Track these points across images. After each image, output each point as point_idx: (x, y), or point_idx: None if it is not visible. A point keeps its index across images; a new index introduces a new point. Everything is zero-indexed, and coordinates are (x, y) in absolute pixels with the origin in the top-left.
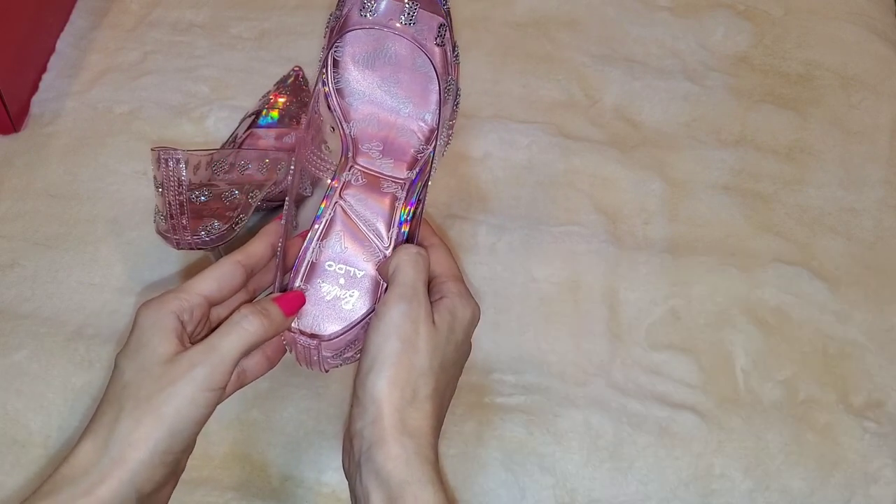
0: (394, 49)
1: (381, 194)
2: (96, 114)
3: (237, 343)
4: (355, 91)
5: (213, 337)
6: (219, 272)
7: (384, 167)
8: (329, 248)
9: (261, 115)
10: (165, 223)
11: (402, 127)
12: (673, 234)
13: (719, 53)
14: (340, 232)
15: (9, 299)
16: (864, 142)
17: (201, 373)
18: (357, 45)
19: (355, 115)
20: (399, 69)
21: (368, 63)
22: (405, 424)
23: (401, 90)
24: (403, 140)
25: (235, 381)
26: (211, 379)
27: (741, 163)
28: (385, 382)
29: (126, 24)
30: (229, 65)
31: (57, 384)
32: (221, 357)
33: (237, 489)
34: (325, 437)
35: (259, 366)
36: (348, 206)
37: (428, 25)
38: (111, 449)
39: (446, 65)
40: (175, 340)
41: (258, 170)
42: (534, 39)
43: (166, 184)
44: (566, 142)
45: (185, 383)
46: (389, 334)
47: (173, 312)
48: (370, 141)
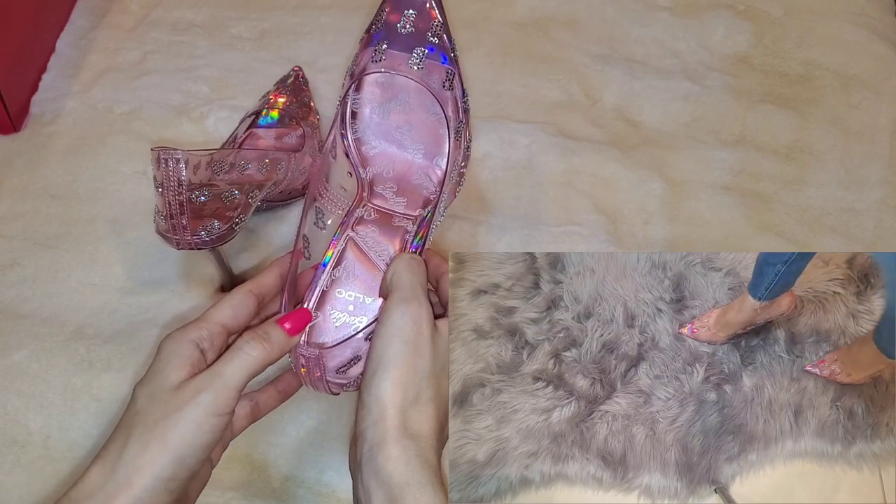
0: (407, 96)
1: (393, 228)
2: (96, 114)
3: (240, 368)
4: (372, 139)
5: (217, 363)
6: (233, 301)
7: (397, 206)
8: (340, 278)
9: (261, 115)
10: (165, 223)
11: (416, 171)
12: (673, 234)
13: (719, 53)
14: (352, 262)
15: (9, 299)
16: (864, 142)
17: (206, 399)
18: (373, 94)
19: (372, 162)
20: (412, 116)
21: (384, 111)
22: (407, 426)
23: (414, 136)
24: (417, 183)
25: (248, 415)
26: (216, 404)
27: (741, 163)
28: (389, 384)
29: (126, 24)
30: (229, 65)
31: (57, 384)
32: (225, 382)
33: (237, 489)
34: (325, 437)
35: (272, 399)
36: (360, 239)
37: (437, 72)
38: (117, 473)
39: (457, 110)
40: (188, 368)
41: (258, 170)
42: (534, 39)
43: (166, 184)
44: (566, 142)
45: (190, 409)
46: (393, 337)
47: (192, 341)
48: (385, 183)
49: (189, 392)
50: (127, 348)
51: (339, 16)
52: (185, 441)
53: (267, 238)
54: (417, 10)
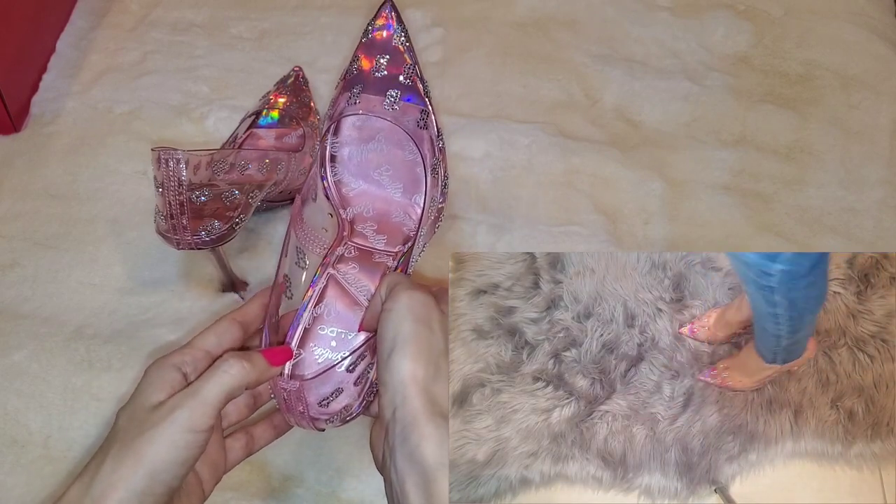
0: (383, 137)
1: (374, 264)
2: (96, 114)
3: (217, 386)
4: (351, 180)
5: (195, 382)
6: (217, 329)
7: (377, 243)
8: (321, 315)
9: (261, 116)
10: (166, 223)
11: (395, 209)
12: (673, 234)
13: (719, 53)
14: (333, 298)
15: (9, 299)
16: (864, 142)
17: (182, 415)
18: (350, 137)
19: (352, 202)
20: (389, 156)
21: (362, 153)
22: (435, 403)
23: (393, 175)
24: (397, 221)
25: (244, 448)
26: (191, 420)
27: (741, 163)
28: (408, 360)
29: (126, 25)
30: (229, 65)
31: (57, 384)
32: (202, 399)
33: (237, 489)
34: (325, 437)
35: (266, 433)
36: (341, 275)
37: (411, 112)
38: (93, 489)
39: (432, 148)
40: (168, 390)
41: (258, 170)
42: (534, 39)
43: (166, 184)
44: (566, 142)
45: (166, 425)
46: (404, 317)
47: (174, 365)
48: (365, 223)
49: (166, 409)
50: (127, 348)
51: (339, 16)
52: (160, 456)
53: (267, 238)
54: (390, 54)
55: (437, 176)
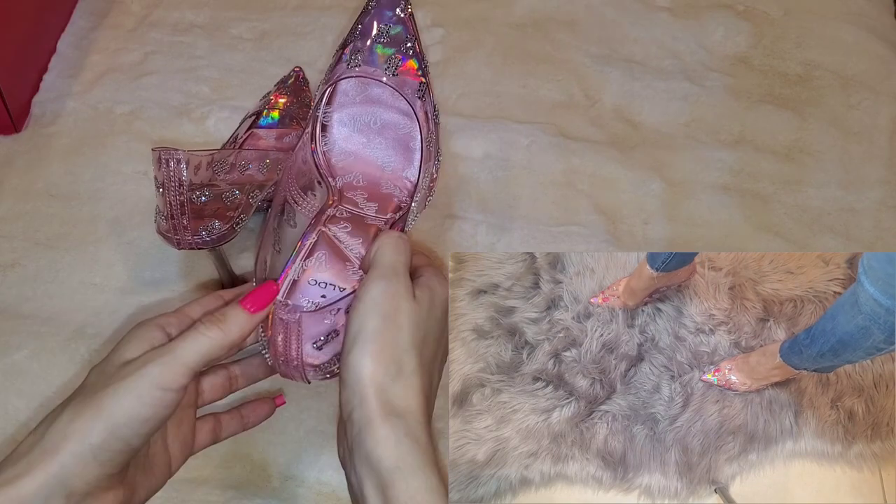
0: (379, 108)
1: (365, 226)
2: (97, 114)
3: (194, 346)
4: (342, 151)
5: (172, 342)
6: (204, 301)
7: (368, 210)
8: (311, 268)
9: (261, 116)
10: (166, 223)
11: (386, 181)
12: (672, 235)
13: (719, 54)
14: (323, 253)
15: (10, 299)
16: (864, 142)
17: (152, 370)
18: (343, 105)
19: (342, 172)
20: (384, 128)
21: (354, 124)
22: (393, 404)
23: (385, 148)
24: (387, 192)
25: (211, 432)
26: (162, 377)
27: (740, 163)
28: (368, 359)
29: (127, 25)
30: (230, 65)
31: (58, 384)
32: (175, 357)
33: (237, 489)
34: (325, 436)
35: (234, 422)
36: (332, 233)
37: (410, 82)
38: (46, 440)
39: (427, 120)
40: (145, 347)
41: (259, 170)
42: (534, 40)
43: (167, 184)
44: (566, 142)
45: (134, 379)
46: (369, 312)
47: (159, 325)
48: (355, 191)
49: (137, 364)
50: None
51: (339, 16)
52: (123, 410)
53: None
54: (392, 23)
55: (432, 149)
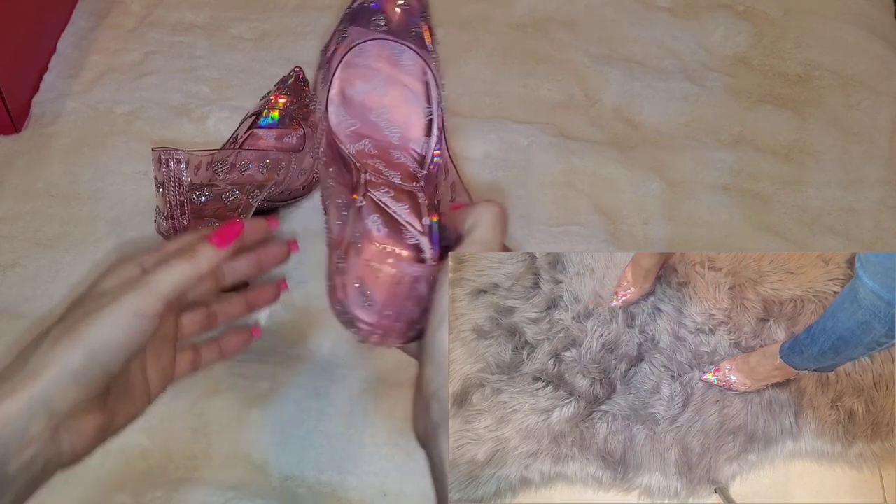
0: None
1: (405, 192)
2: (97, 114)
3: (166, 276)
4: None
5: (146, 274)
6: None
7: (393, 178)
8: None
9: (261, 116)
10: (166, 223)
11: (395, 151)
12: (672, 235)
13: (719, 54)
14: (375, 216)
15: (10, 299)
16: (863, 142)
17: (128, 298)
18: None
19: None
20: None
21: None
22: None
23: (390, 119)
24: (400, 161)
25: (190, 363)
26: (136, 304)
27: (740, 163)
28: None
29: (127, 25)
30: (230, 65)
31: None
32: (148, 286)
33: (237, 489)
34: (325, 436)
35: (213, 352)
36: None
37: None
38: (28, 366)
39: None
40: (122, 281)
41: (259, 170)
42: (534, 40)
43: (167, 184)
44: (566, 142)
45: (111, 308)
46: None
47: (135, 261)
48: (370, 159)
49: (113, 294)
50: None
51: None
52: (101, 336)
53: None
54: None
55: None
